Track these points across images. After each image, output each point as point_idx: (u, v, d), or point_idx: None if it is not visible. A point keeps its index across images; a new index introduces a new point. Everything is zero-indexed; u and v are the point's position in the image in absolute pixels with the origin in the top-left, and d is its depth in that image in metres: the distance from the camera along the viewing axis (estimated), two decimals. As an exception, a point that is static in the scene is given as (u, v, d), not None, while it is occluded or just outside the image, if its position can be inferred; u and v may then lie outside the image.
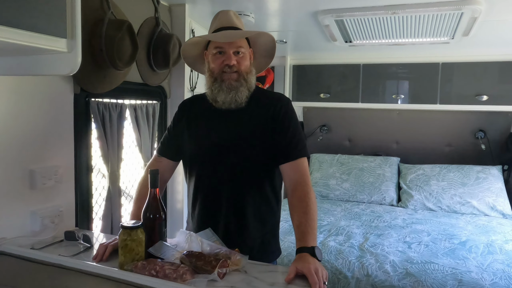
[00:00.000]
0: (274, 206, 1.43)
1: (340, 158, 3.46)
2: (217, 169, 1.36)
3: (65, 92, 1.54)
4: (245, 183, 1.35)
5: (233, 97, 1.31)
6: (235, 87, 1.31)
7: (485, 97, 3.04)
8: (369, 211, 2.94)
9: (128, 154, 2.03)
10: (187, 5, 2.16)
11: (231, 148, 1.34)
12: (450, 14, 2.06)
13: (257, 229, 1.38)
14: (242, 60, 1.32)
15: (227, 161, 1.34)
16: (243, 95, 1.32)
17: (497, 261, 2.06)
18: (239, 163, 1.33)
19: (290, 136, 1.33)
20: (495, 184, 2.95)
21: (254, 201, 1.36)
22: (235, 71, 1.31)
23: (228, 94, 1.31)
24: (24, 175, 1.39)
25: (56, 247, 1.34)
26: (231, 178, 1.35)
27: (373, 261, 2.09)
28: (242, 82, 1.31)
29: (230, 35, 1.31)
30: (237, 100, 1.32)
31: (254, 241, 1.38)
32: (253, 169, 1.35)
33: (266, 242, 1.42)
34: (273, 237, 1.46)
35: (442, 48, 2.85)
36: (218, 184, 1.36)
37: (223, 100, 1.32)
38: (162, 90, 2.17)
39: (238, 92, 1.31)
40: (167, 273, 1.06)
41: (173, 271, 1.06)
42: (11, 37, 0.91)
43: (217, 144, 1.35)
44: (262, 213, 1.39)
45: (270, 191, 1.39)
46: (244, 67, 1.33)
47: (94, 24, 1.58)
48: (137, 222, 1.15)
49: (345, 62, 3.37)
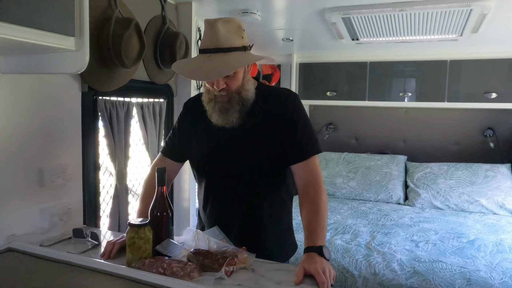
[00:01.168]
0: (289, 204, 1.42)
1: (346, 157, 3.45)
2: (227, 172, 1.34)
3: (73, 91, 1.55)
4: (257, 184, 1.33)
5: (224, 120, 1.28)
6: (226, 109, 1.27)
7: (494, 94, 3.01)
8: (376, 209, 2.92)
9: (135, 152, 2.03)
10: (194, 3, 2.16)
11: (240, 149, 1.31)
12: (459, 10, 2.04)
13: (273, 229, 1.37)
14: (232, 81, 1.24)
15: (237, 163, 1.32)
16: (233, 117, 1.27)
17: (506, 260, 2.04)
18: (250, 164, 1.31)
19: (300, 134, 1.30)
20: (504, 182, 2.92)
21: (269, 201, 1.35)
22: (226, 93, 1.25)
23: (220, 115, 1.28)
24: (33, 173, 1.40)
25: (65, 244, 1.36)
26: (242, 180, 1.33)
27: (380, 260, 2.08)
28: (233, 104, 1.26)
29: (207, 74, 1.20)
30: (228, 123, 1.28)
31: (271, 242, 1.36)
32: (264, 169, 1.32)
33: (282, 241, 1.41)
34: (289, 235, 1.45)
35: (450, 46, 2.82)
36: (230, 187, 1.34)
37: (216, 121, 1.29)
38: (169, 88, 2.17)
39: (228, 115, 1.27)
40: (175, 270, 1.06)
41: (180, 269, 1.06)
42: (22, 35, 0.92)
43: (225, 146, 1.33)
44: (277, 212, 1.37)
45: (284, 190, 1.38)
46: (236, 87, 1.25)
47: (101, 22, 1.59)
48: (144, 220, 1.15)
49: (352, 60, 3.36)
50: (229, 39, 1.20)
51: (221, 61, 1.18)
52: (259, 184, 1.33)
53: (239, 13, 2.21)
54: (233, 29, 1.22)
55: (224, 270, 1.06)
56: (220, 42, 1.19)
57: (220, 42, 1.19)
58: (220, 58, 1.18)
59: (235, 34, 1.22)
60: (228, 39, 1.20)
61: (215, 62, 1.18)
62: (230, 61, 1.18)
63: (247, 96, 1.28)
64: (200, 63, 1.21)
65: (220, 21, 1.20)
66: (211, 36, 1.20)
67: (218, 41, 1.19)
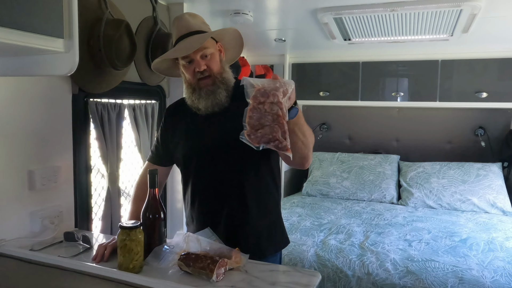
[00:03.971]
0: (276, 197, 1.45)
1: (340, 156, 3.46)
2: (213, 159, 1.36)
3: (63, 93, 1.54)
4: (244, 172, 1.35)
5: (213, 101, 1.32)
6: (212, 91, 1.32)
7: (484, 94, 3.03)
8: (369, 209, 2.93)
9: (127, 154, 2.02)
10: (185, 4, 2.15)
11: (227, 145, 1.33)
12: (449, 11, 2.05)
13: (261, 218, 1.38)
14: (212, 62, 1.32)
15: (224, 158, 1.34)
16: (222, 96, 1.32)
17: (498, 258, 2.06)
18: (235, 152, 1.32)
19: None
20: (496, 181, 2.95)
21: (256, 191, 1.37)
22: (208, 76, 1.31)
23: (208, 99, 1.32)
24: (23, 176, 1.39)
25: (56, 248, 1.34)
26: (228, 168, 1.35)
27: (374, 259, 2.08)
28: (219, 85, 1.32)
29: (188, 46, 1.29)
30: (218, 103, 1.32)
31: (259, 230, 1.38)
32: (251, 164, 1.35)
33: (272, 231, 1.42)
34: (279, 227, 1.47)
35: (442, 45, 2.84)
36: (216, 177, 1.36)
37: (205, 106, 1.33)
38: (161, 89, 2.16)
39: (216, 95, 1.32)
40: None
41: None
42: (8, 37, 0.91)
43: (212, 142, 1.35)
44: (264, 201, 1.40)
45: (270, 180, 1.41)
46: (216, 68, 1.33)
47: (92, 24, 1.58)
48: (135, 222, 1.14)
49: (344, 60, 3.36)
50: (199, 25, 1.35)
51: (195, 37, 1.30)
52: (246, 172, 1.35)
53: (231, 13, 2.20)
54: (200, 20, 1.38)
55: (216, 274, 1.05)
56: (191, 27, 1.33)
57: (192, 27, 1.33)
58: (194, 36, 1.31)
59: (202, 23, 1.37)
60: (198, 25, 1.35)
61: (190, 39, 1.30)
62: (203, 35, 1.31)
63: (228, 77, 1.36)
64: (178, 46, 1.33)
65: (187, 14, 1.36)
66: (183, 24, 1.33)
67: (189, 26, 1.33)
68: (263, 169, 1.38)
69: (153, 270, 1.14)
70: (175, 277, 1.10)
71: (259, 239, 1.36)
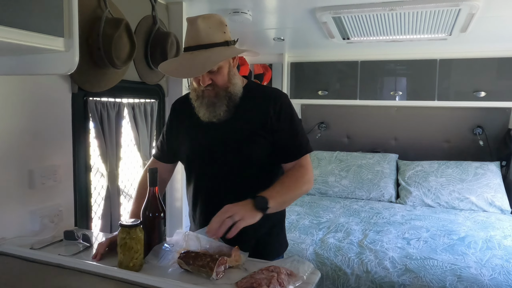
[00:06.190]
0: None
1: (338, 155, 3.46)
2: (216, 165, 1.35)
3: (63, 92, 1.54)
4: (246, 177, 1.34)
5: (212, 113, 1.29)
6: (213, 103, 1.29)
7: (483, 93, 3.05)
8: (368, 207, 2.94)
9: (127, 153, 2.02)
10: (184, 3, 2.15)
11: (229, 144, 1.33)
12: (448, 10, 2.06)
13: (263, 220, 1.36)
14: (218, 77, 1.26)
15: (226, 157, 1.34)
16: (221, 110, 1.29)
17: (496, 256, 2.07)
18: (239, 158, 1.32)
19: (291, 135, 1.32)
20: (494, 180, 2.96)
21: (255, 190, 1.32)
22: (212, 88, 1.28)
23: (207, 109, 1.29)
24: (23, 174, 1.39)
25: (56, 246, 1.34)
26: (231, 173, 1.34)
27: (373, 258, 2.09)
28: (221, 98, 1.28)
29: (190, 71, 1.23)
30: (216, 116, 1.30)
31: (261, 233, 1.37)
32: (253, 164, 1.34)
33: (274, 234, 1.42)
34: (281, 230, 1.47)
35: (440, 45, 2.85)
36: (219, 181, 1.35)
37: (203, 116, 1.31)
38: (160, 88, 2.16)
39: (216, 108, 1.28)
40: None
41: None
42: (8, 36, 0.91)
43: (215, 141, 1.34)
44: None
45: (271, 181, 1.37)
46: (222, 82, 1.27)
47: (91, 23, 1.58)
48: (135, 221, 1.15)
49: (343, 59, 3.37)
50: (209, 35, 1.22)
51: (202, 57, 1.20)
52: (248, 177, 1.34)
53: (230, 12, 2.20)
54: (214, 24, 1.23)
55: (216, 272, 1.06)
56: (200, 38, 1.21)
57: (201, 39, 1.21)
58: (202, 54, 1.21)
59: (216, 29, 1.23)
60: (209, 35, 1.21)
61: (197, 59, 1.21)
62: (211, 56, 1.20)
63: (234, 91, 1.30)
64: (183, 61, 1.25)
65: (200, 18, 1.22)
66: (192, 34, 1.22)
67: (199, 37, 1.21)
68: (264, 171, 1.37)
69: (153, 268, 1.14)
70: (175, 275, 1.11)
71: (260, 242, 1.35)
